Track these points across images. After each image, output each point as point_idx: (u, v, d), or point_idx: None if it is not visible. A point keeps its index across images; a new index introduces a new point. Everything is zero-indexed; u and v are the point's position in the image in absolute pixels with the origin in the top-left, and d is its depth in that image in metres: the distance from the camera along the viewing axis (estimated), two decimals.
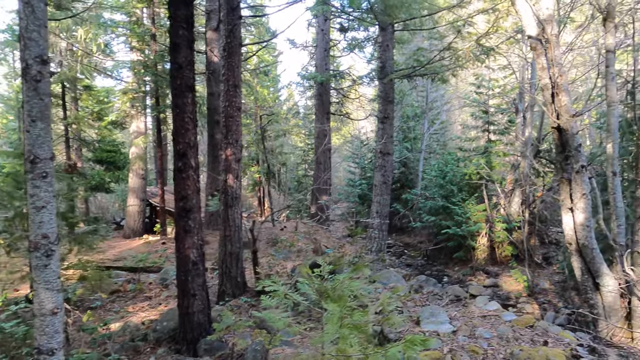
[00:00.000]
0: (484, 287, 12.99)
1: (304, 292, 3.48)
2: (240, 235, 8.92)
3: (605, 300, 6.53)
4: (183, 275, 6.46)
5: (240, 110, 8.89)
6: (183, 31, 6.38)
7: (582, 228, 6.53)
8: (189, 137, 6.43)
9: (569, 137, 6.42)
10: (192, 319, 6.42)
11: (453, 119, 28.21)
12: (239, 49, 8.88)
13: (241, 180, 9.12)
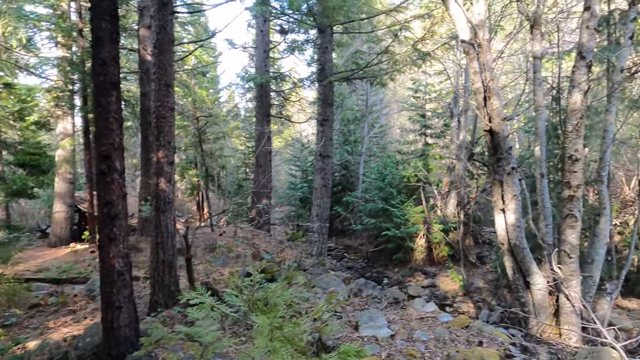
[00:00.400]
0: (422, 288, 13.22)
1: (232, 303, 3.23)
2: (173, 242, 8.46)
3: (535, 298, 6.73)
4: (108, 287, 5.98)
5: (173, 110, 8.44)
6: (106, 24, 5.92)
7: (513, 228, 6.69)
8: (113, 138, 5.97)
9: (501, 140, 6.57)
10: (118, 334, 5.95)
11: (392, 123, 28.76)
12: (171, 46, 8.44)
13: (174, 184, 8.67)
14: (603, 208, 6.87)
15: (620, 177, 14.50)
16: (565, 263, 6.40)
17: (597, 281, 6.86)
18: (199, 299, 3.21)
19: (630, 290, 10.40)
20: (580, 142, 5.99)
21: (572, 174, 6.06)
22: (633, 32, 6.77)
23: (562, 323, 6.55)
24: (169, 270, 8.28)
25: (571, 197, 6.14)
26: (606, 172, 6.91)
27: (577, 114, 5.88)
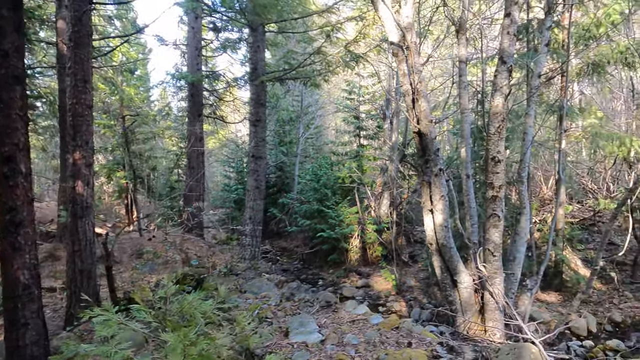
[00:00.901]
0: (356, 289, 13.29)
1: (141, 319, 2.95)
2: (92, 250, 7.89)
3: (462, 296, 6.89)
4: (12, 302, 5.44)
5: (91, 108, 7.87)
6: (8, 12, 5.38)
7: (441, 228, 6.81)
8: (18, 137, 5.44)
9: (429, 141, 6.65)
10: (24, 353, 5.43)
11: (327, 124, 28.91)
12: (89, 40, 7.88)
13: (93, 187, 8.08)
14: (523, 207, 7.15)
15: (540, 177, 15.38)
16: (490, 261, 6.59)
17: (518, 277, 7.14)
18: (103, 316, 2.90)
19: (549, 284, 11.00)
20: (502, 144, 6.19)
21: (495, 175, 6.24)
22: (549, 40, 7.10)
23: (487, 320, 6.74)
24: (87, 280, 7.72)
25: (494, 198, 6.32)
26: (526, 172, 7.21)
27: (499, 117, 6.06)
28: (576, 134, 10.87)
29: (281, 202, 19.15)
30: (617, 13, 9.18)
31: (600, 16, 9.62)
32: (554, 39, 10.31)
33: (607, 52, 9.51)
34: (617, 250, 12.26)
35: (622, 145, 9.63)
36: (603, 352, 8.07)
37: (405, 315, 11.15)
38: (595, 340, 8.70)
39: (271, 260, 17.68)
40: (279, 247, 19.95)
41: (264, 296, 8.23)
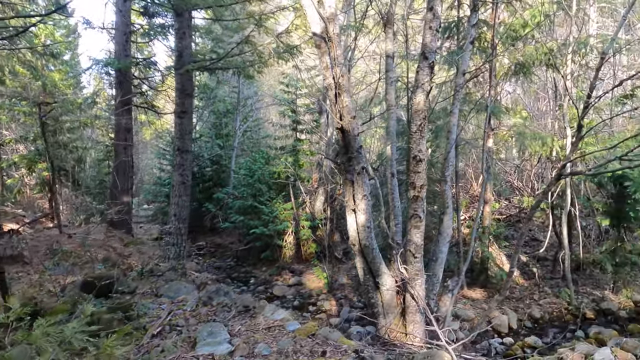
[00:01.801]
0: (288, 287, 12.98)
1: None
2: None
3: (384, 299, 6.70)
4: None
5: None
6: None
7: (363, 229, 6.58)
8: None
9: (351, 138, 6.38)
10: None
11: (267, 117, 28.30)
12: None
13: None
14: (446, 207, 7.06)
15: (470, 174, 15.68)
16: (411, 262, 6.43)
17: (440, 278, 7.06)
18: None
19: (475, 281, 11.17)
20: (424, 143, 6.01)
21: (416, 174, 6.07)
22: (474, 37, 7.01)
23: (408, 323, 6.60)
24: None
25: (415, 198, 6.15)
26: (450, 172, 7.12)
27: (421, 114, 5.87)
28: (503, 132, 11.06)
29: (216, 197, 18.49)
30: (542, 15, 9.32)
31: (527, 17, 9.75)
32: (483, 37, 10.38)
33: (533, 53, 9.65)
34: (540, 246, 12.68)
35: (544, 144, 9.86)
36: (521, 349, 8.21)
37: (335, 315, 10.97)
38: (515, 337, 8.86)
39: (204, 257, 17.05)
40: (213, 243, 19.29)
41: (181, 300, 7.70)
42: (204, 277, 12.76)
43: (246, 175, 15.87)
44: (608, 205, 10.03)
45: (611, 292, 10.26)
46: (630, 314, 9.52)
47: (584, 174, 4.61)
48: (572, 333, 8.89)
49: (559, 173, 4.64)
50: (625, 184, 9.01)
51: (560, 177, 4.67)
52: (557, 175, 4.65)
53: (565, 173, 4.68)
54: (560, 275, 11.10)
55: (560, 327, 9.26)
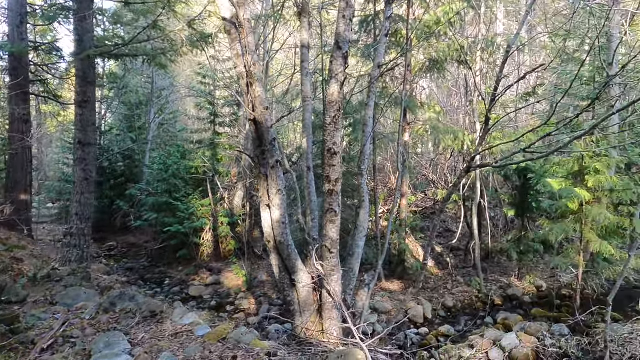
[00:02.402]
0: (205, 287, 12.45)
1: None
2: None
3: (301, 296, 6.51)
4: None
5: None
6: None
7: (278, 225, 6.33)
8: None
9: (264, 130, 6.09)
10: None
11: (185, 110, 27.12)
12: None
13: None
14: (362, 201, 6.99)
15: (389, 168, 15.99)
16: (327, 258, 6.28)
17: (357, 273, 6.98)
18: None
19: (393, 273, 11.34)
20: (339, 135, 5.86)
21: (332, 167, 5.91)
22: (389, 30, 6.97)
23: (324, 320, 6.46)
24: None
25: (331, 192, 6.00)
26: (366, 165, 7.06)
27: (335, 105, 5.71)
28: (418, 127, 11.31)
29: (129, 194, 17.36)
30: (453, 12, 9.56)
31: (440, 14, 9.98)
32: (399, 33, 10.49)
33: (445, 49, 9.90)
34: (453, 237, 13.17)
35: (456, 138, 10.19)
36: (436, 338, 8.41)
37: (254, 313, 10.65)
38: (430, 327, 9.08)
39: (115, 258, 15.97)
40: (126, 243, 18.14)
41: (80, 308, 6.99)
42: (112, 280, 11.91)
43: (160, 170, 15.02)
44: (513, 196, 10.60)
45: (516, 279, 10.86)
46: (533, 298, 10.14)
47: (492, 165, 4.70)
48: (482, 320, 9.27)
49: (468, 165, 4.68)
50: (528, 176, 9.54)
51: (470, 169, 4.71)
52: (467, 168, 4.69)
53: (474, 165, 4.73)
54: (472, 264, 11.59)
55: (472, 314, 9.64)
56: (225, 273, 13.12)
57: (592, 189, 8.15)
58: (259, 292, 11.65)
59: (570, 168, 8.45)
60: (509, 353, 6.95)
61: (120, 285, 11.47)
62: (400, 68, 10.80)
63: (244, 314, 10.48)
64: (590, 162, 8.00)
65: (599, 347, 7.05)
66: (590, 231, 8.25)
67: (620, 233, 8.63)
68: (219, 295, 11.91)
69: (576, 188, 8.11)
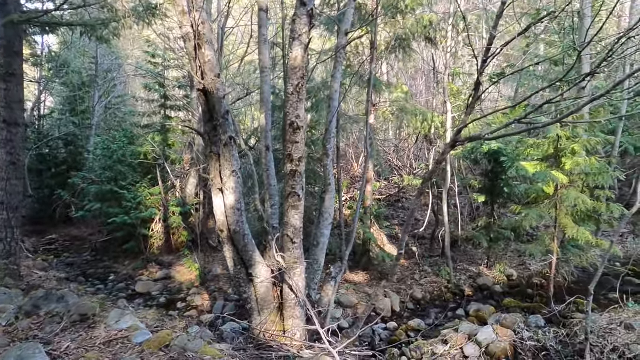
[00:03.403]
0: (154, 282, 11.42)
1: None
2: None
3: (259, 293, 5.72)
4: None
5: None
6: None
7: (233, 212, 5.50)
8: None
9: (216, 101, 5.23)
10: None
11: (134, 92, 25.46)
12: None
13: None
14: (328, 184, 6.25)
15: (351, 154, 15.34)
16: (289, 249, 5.51)
17: (322, 265, 6.26)
18: None
19: (357, 263, 10.71)
20: (303, 107, 5.07)
21: (294, 145, 5.12)
22: None
23: (286, 319, 5.70)
24: None
25: (293, 173, 5.21)
26: (332, 144, 6.31)
27: (298, 72, 4.91)
28: (384, 109, 10.69)
29: (72, 182, 15.91)
30: None
31: None
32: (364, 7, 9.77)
33: (414, 24, 9.26)
34: (419, 225, 12.68)
35: (425, 120, 9.60)
36: (405, 334, 7.82)
37: (208, 310, 9.77)
38: (398, 321, 8.48)
39: (55, 252, 14.61)
40: (68, 236, 16.72)
41: None
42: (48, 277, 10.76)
43: (104, 156, 13.74)
44: (483, 182, 10.15)
45: (486, 268, 10.47)
46: (504, 288, 9.76)
47: (483, 138, 4.07)
48: (453, 312, 8.79)
49: (454, 140, 4.03)
50: (500, 159, 9.08)
51: (456, 143, 4.06)
52: (453, 142, 4.04)
53: (460, 139, 4.07)
54: (439, 253, 11.12)
55: (442, 306, 9.14)
56: (176, 267, 12.12)
57: (568, 172, 7.76)
58: (214, 286, 10.76)
59: (545, 150, 8.04)
60: (486, 348, 6.44)
61: (56, 283, 10.33)
62: (366, 46, 10.10)
63: (196, 311, 9.58)
64: (567, 144, 7.59)
65: (577, 339, 6.66)
66: (565, 216, 7.86)
67: (594, 218, 8.31)
68: (169, 291, 10.93)
69: (552, 171, 7.69)
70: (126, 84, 24.25)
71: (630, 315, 6.98)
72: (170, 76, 16.62)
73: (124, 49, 23.24)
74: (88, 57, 19.79)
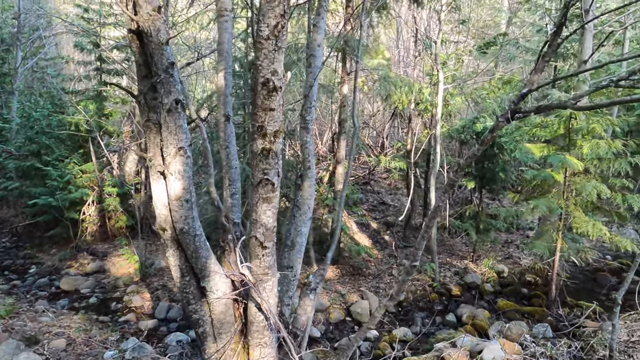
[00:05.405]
0: (84, 276, 9.68)
1: None
2: None
3: (215, 312, 4.27)
4: None
5: None
6: None
7: (179, 204, 3.99)
8: None
9: (155, 47, 3.63)
10: None
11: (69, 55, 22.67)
12: None
13: None
14: (307, 168, 4.81)
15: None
16: (258, 256, 4.04)
17: (299, 273, 4.85)
18: None
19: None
20: (282, 59, 3.56)
21: (268, 113, 3.61)
22: None
23: (252, 346, 4.30)
24: None
25: (266, 152, 3.72)
26: (313, 115, 4.85)
27: (277, 7, 3.38)
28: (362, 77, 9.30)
29: None
30: None
31: None
32: None
33: None
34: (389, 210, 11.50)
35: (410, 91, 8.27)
36: (390, 345, 6.61)
37: (149, 313, 8.18)
38: (379, 328, 7.24)
39: None
40: None
41: None
42: None
43: (24, 125, 11.61)
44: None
45: (471, 262, 9.42)
46: (495, 287, 8.71)
47: (565, 106, 2.76)
48: (441, 316, 7.66)
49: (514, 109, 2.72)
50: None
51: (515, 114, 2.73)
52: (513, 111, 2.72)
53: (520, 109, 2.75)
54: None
55: (427, 309, 8.00)
56: (112, 257, 10.38)
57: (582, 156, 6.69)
58: (157, 283, 9.16)
59: (554, 131, 6.94)
60: None
61: None
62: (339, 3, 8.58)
63: (134, 315, 7.98)
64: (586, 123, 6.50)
65: (595, 355, 5.69)
66: (576, 208, 6.83)
67: (605, 210, 7.33)
68: (102, 288, 9.23)
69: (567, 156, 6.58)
70: (59, 45, 21.50)
71: None
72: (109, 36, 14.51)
73: (54, 2, 20.54)
74: (8, 10, 17.09)
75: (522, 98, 2.78)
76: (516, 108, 2.81)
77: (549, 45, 2.67)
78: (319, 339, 6.86)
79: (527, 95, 2.78)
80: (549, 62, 2.65)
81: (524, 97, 2.78)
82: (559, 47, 2.70)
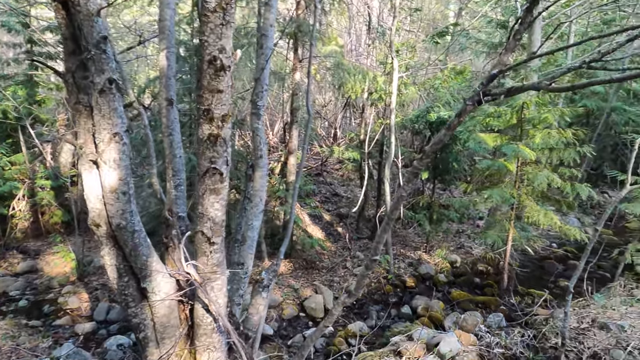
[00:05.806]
0: (14, 277, 8.88)
1: None
2: None
3: (157, 315, 3.89)
4: None
5: None
6: None
7: (114, 197, 3.58)
8: None
9: (84, 19, 3.21)
10: None
11: None
12: None
13: None
14: (259, 157, 4.49)
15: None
16: (205, 253, 3.70)
17: (250, 270, 4.53)
18: None
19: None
20: (229, 36, 3.21)
21: (215, 95, 3.26)
22: None
23: (199, 350, 3.96)
24: None
25: (214, 139, 3.38)
26: (264, 101, 4.52)
27: None
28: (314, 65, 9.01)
29: None
30: None
31: None
32: None
33: None
34: (341, 202, 11.34)
35: (364, 79, 8.08)
36: (345, 341, 6.43)
37: (87, 315, 7.59)
38: (334, 323, 7.04)
39: None
40: None
41: None
42: None
43: None
44: None
45: (425, 253, 9.41)
46: (448, 277, 8.73)
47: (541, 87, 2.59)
48: (397, 309, 7.56)
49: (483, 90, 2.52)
50: None
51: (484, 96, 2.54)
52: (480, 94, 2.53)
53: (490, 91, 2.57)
54: (367, 234, 9.88)
55: (382, 301, 7.87)
56: (46, 256, 9.61)
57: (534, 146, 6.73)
58: (96, 282, 8.54)
59: (507, 120, 6.95)
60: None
61: None
62: None
63: (70, 318, 7.37)
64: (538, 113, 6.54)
65: (548, 343, 5.74)
66: (528, 197, 6.89)
67: (555, 199, 7.45)
68: (34, 289, 8.50)
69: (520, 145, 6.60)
70: None
71: (598, 310, 6.19)
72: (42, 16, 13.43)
73: None
74: None
75: (492, 79, 2.60)
76: (486, 89, 2.63)
77: (521, 23, 2.50)
78: (272, 336, 6.58)
79: (497, 77, 2.60)
80: (520, 41, 2.50)
81: (494, 78, 2.60)
82: (531, 24, 2.53)
